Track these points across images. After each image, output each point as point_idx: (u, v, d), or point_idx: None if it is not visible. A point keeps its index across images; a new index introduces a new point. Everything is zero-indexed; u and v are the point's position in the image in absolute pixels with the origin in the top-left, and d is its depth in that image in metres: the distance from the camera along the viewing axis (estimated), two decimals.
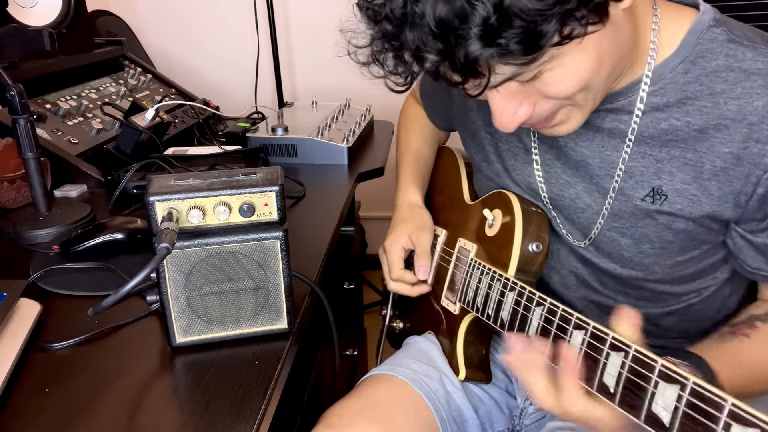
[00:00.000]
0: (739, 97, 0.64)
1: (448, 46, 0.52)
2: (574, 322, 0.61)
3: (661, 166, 0.69)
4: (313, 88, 2.16)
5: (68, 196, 1.13)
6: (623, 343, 0.55)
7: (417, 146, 1.08)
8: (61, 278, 0.84)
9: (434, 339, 0.95)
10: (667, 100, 0.67)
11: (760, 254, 0.69)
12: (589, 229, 0.77)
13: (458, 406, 0.89)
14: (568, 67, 0.57)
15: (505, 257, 0.79)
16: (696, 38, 0.66)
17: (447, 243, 0.92)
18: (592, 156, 0.74)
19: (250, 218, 0.67)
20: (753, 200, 0.65)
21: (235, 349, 0.69)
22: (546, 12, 0.50)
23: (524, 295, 0.70)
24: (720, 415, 0.46)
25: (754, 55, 0.64)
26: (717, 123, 0.65)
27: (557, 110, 0.64)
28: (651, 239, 0.72)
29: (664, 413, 0.50)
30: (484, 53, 0.51)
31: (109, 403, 0.61)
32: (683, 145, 0.67)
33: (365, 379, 0.91)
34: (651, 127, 0.69)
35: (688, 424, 0.48)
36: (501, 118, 0.62)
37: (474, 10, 0.49)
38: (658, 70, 0.67)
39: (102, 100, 1.40)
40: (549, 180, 0.79)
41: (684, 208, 0.69)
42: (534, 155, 0.80)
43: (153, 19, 2.20)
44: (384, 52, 0.57)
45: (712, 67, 0.65)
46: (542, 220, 0.80)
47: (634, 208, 0.72)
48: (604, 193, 0.74)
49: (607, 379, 0.56)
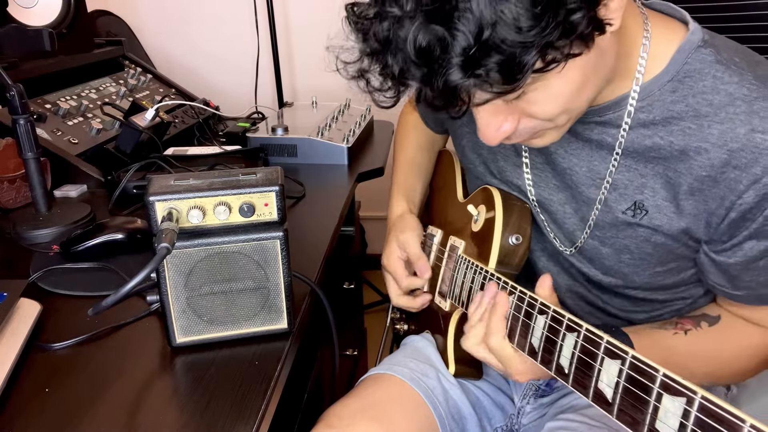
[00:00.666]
0: (722, 121, 0.64)
1: (429, 73, 0.52)
2: (538, 308, 0.65)
3: (645, 181, 0.69)
4: (313, 88, 2.16)
5: (68, 196, 1.13)
6: (577, 324, 0.59)
7: (411, 154, 1.09)
8: (61, 278, 0.84)
9: (430, 337, 0.96)
10: (654, 117, 0.67)
11: (720, 272, 0.70)
12: (575, 235, 0.78)
13: (456, 402, 0.89)
14: (551, 89, 0.57)
15: (486, 251, 0.80)
16: (685, 57, 0.66)
17: (442, 242, 0.93)
18: (579, 165, 0.74)
19: (250, 218, 0.67)
20: (724, 223, 0.66)
21: (235, 349, 0.69)
22: (527, 43, 0.49)
23: (499, 286, 0.73)
24: (653, 386, 0.49)
25: (740, 80, 0.64)
26: (698, 146, 0.65)
27: (539, 128, 0.65)
28: (631, 250, 0.73)
29: (608, 389, 0.54)
30: (464, 82, 0.51)
31: (109, 403, 0.61)
32: (665, 164, 0.67)
33: (364, 379, 0.92)
34: (636, 142, 0.69)
35: (625, 398, 0.52)
36: (485, 132, 0.63)
37: (455, 40, 0.49)
38: (647, 87, 0.67)
39: (102, 100, 1.40)
40: (538, 183, 0.80)
41: (663, 224, 0.69)
42: (524, 158, 0.80)
43: (153, 19, 2.20)
44: (371, 70, 0.57)
45: (699, 87, 0.65)
46: (524, 213, 0.81)
47: (615, 219, 0.73)
48: (589, 202, 0.74)
49: (563, 361, 0.61)
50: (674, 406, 0.47)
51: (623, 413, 0.52)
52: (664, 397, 0.48)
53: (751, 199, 0.63)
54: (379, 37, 0.53)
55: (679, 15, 0.70)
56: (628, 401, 0.52)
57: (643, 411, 0.50)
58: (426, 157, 1.09)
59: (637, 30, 0.67)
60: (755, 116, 0.62)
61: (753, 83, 0.63)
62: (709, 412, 0.45)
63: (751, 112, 0.62)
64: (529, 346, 0.66)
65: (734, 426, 0.43)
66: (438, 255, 0.92)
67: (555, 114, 0.61)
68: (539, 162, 0.79)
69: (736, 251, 0.67)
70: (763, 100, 0.63)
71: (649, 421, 0.50)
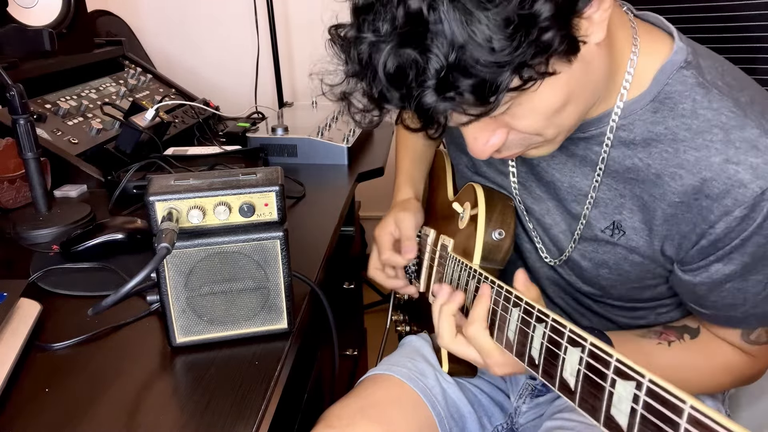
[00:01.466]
0: (698, 148, 0.62)
1: (404, 95, 0.52)
2: (513, 300, 0.65)
3: (623, 201, 0.69)
4: (313, 88, 2.16)
5: (68, 196, 1.13)
6: (544, 314, 0.59)
7: (414, 143, 1.08)
8: (61, 278, 0.84)
9: (427, 337, 0.96)
10: (634, 137, 0.66)
11: (688, 291, 0.70)
12: (558, 245, 0.78)
13: (455, 401, 0.89)
14: (533, 103, 0.57)
15: (471, 247, 0.80)
16: (666, 78, 0.64)
17: (434, 242, 0.93)
18: (562, 180, 0.74)
19: (250, 218, 0.67)
20: (694, 249, 0.65)
21: (235, 349, 0.69)
22: (500, 63, 0.49)
23: (480, 280, 0.72)
24: (608, 372, 0.49)
25: (719, 106, 0.62)
26: (673, 171, 0.64)
27: (528, 144, 0.64)
28: (609, 266, 0.73)
29: (571, 378, 0.54)
30: (438, 105, 0.51)
31: (109, 403, 0.61)
32: (642, 186, 0.67)
33: (364, 380, 0.92)
34: (617, 161, 0.68)
35: (585, 385, 0.52)
36: (474, 147, 0.63)
37: (428, 63, 0.49)
38: (630, 105, 0.66)
39: (102, 100, 1.40)
40: (522, 192, 0.80)
41: (639, 245, 0.69)
42: (511, 167, 0.80)
43: (153, 19, 2.20)
44: (354, 92, 0.58)
45: (678, 110, 0.64)
46: (507, 208, 0.81)
47: (594, 236, 0.73)
48: (573, 216, 0.74)
49: (533, 353, 0.61)
50: (626, 390, 0.47)
51: (584, 401, 0.52)
52: (618, 382, 0.48)
53: (720, 231, 0.62)
54: (358, 59, 0.53)
55: (668, 30, 0.68)
56: (587, 389, 0.52)
57: (600, 398, 0.50)
58: (427, 151, 1.09)
59: (626, 44, 0.65)
60: (731, 146, 0.61)
61: (732, 111, 0.62)
62: (654, 395, 0.45)
63: (727, 141, 0.61)
64: (505, 339, 0.66)
65: (676, 407, 0.43)
66: (431, 254, 0.93)
67: (539, 129, 0.60)
68: (523, 171, 0.79)
69: (701, 272, 0.67)
70: (740, 129, 0.61)
71: (605, 408, 0.50)
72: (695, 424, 0.41)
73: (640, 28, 0.67)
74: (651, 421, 0.45)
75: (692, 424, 0.41)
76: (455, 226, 0.88)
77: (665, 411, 0.43)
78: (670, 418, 0.43)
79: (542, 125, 0.60)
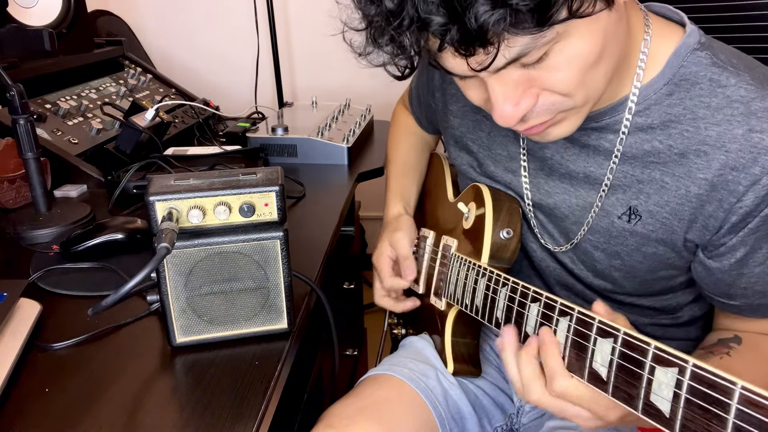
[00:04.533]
0: (719, 123, 0.63)
1: (454, 13, 0.50)
2: (531, 296, 0.63)
3: (641, 186, 0.69)
4: (313, 88, 2.16)
5: (68, 196, 1.13)
6: (569, 307, 0.58)
7: (403, 155, 1.09)
8: (61, 278, 0.84)
9: (428, 338, 0.96)
10: (651, 121, 0.67)
11: (716, 280, 0.69)
12: (569, 239, 0.78)
13: (456, 402, 0.89)
14: (573, 49, 0.56)
15: (479, 247, 0.81)
16: (680, 60, 0.65)
17: (435, 243, 0.93)
18: (576, 171, 0.74)
19: (250, 218, 0.67)
20: (723, 227, 0.65)
21: (235, 349, 0.69)
22: None
23: (492, 278, 0.72)
24: (646, 360, 0.49)
25: (737, 81, 0.63)
26: (697, 148, 0.65)
27: (556, 111, 0.64)
28: (621, 257, 0.73)
29: (602, 368, 0.54)
30: (493, 16, 0.49)
31: (109, 402, 0.61)
32: (663, 168, 0.67)
33: (364, 380, 0.92)
34: (635, 147, 0.69)
35: (620, 375, 0.52)
36: (503, 109, 0.60)
37: None
38: (644, 91, 0.67)
39: (102, 100, 1.40)
40: (533, 188, 0.80)
41: (656, 230, 0.69)
42: (522, 161, 0.80)
43: (153, 19, 2.20)
44: (382, 38, 0.55)
45: (696, 91, 0.65)
46: (513, 208, 0.82)
47: (610, 224, 0.72)
48: (586, 207, 0.74)
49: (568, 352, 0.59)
50: (667, 377, 0.48)
51: (618, 390, 0.53)
52: (657, 369, 0.49)
53: (750, 202, 0.62)
54: None
55: (678, 17, 0.70)
56: (622, 378, 0.52)
57: (638, 386, 0.51)
58: (419, 159, 1.10)
59: (639, 26, 0.67)
60: (753, 117, 0.62)
61: (750, 84, 0.63)
62: (701, 379, 0.45)
63: (748, 113, 0.62)
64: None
65: (726, 389, 0.43)
66: (432, 256, 0.93)
67: (573, 85, 0.58)
68: (534, 168, 0.79)
69: (730, 256, 0.67)
70: (760, 100, 0.62)
71: (644, 395, 0.50)
72: (748, 404, 0.41)
73: (649, 15, 0.68)
74: (698, 405, 0.45)
75: (744, 405, 0.41)
76: (458, 226, 0.88)
77: (713, 393, 0.44)
78: (719, 400, 0.44)
79: (577, 81, 0.58)
